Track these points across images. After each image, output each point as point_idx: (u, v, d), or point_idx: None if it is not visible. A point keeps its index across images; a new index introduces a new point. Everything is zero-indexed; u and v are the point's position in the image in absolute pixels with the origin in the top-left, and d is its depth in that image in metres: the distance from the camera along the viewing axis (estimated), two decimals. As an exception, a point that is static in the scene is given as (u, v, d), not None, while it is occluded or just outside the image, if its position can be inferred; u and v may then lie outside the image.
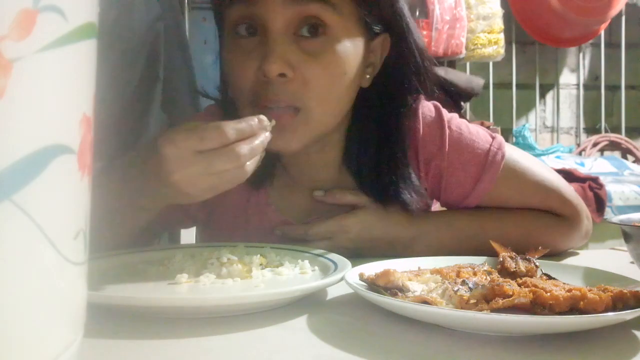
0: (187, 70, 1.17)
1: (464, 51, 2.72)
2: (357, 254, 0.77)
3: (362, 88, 0.80)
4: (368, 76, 0.79)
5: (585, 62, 3.30)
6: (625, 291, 0.48)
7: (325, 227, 0.79)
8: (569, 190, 0.86)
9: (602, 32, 3.17)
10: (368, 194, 0.81)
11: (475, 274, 0.58)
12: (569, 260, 0.82)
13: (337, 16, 0.71)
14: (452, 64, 2.94)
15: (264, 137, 0.64)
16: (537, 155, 2.63)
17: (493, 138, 0.83)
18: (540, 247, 0.70)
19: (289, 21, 0.70)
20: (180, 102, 1.14)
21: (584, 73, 3.30)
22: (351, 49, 0.74)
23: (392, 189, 0.79)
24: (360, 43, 0.75)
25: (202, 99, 0.96)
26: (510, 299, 0.47)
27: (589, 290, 0.48)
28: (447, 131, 0.82)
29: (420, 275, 0.57)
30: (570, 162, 2.56)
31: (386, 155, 0.80)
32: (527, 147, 2.87)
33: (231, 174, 0.62)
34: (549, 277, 0.60)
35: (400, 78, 0.80)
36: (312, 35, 0.72)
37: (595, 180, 2.17)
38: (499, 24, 2.79)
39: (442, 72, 0.90)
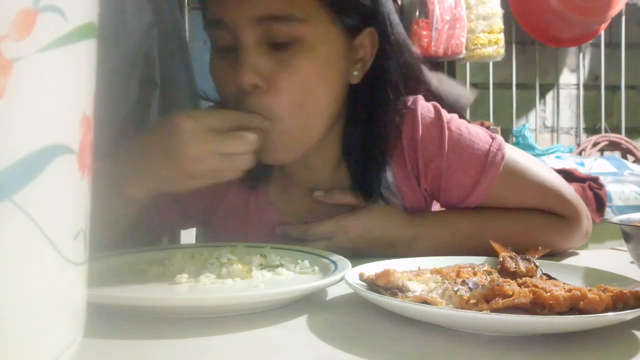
0: (186, 73, 1.17)
1: (464, 51, 2.72)
2: (357, 254, 0.77)
3: (355, 85, 0.79)
4: (356, 72, 0.79)
5: (585, 62, 3.31)
6: (625, 291, 0.48)
7: (325, 227, 0.79)
8: (568, 190, 0.86)
9: (602, 32, 3.17)
10: (360, 192, 0.81)
11: (475, 274, 0.58)
12: (569, 260, 0.82)
13: (306, 25, 0.71)
14: (452, 63, 2.94)
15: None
16: (537, 155, 2.63)
17: (493, 139, 0.83)
18: (540, 247, 0.70)
19: (258, 37, 0.71)
20: (179, 105, 1.14)
21: (584, 73, 3.30)
22: (326, 51, 0.73)
23: (375, 186, 0.80)
24: (338, 42, 0.75)
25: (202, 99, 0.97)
26: (510, 299, 0.47)
27: (589, 290, 0.48)
28: (447, 132, 0.82)
29: (420, 275, 0.57)
30: (570, 162, 2.56)
31: (375, 152, 0.81)
32: (527, 147, 2.87)
33: (238, 159, 0.67)
34: (549, 277, 0.60)
35: (384, 72, 0.80)
36: (283, 45, 0.71)
37: (595, 180, 2.17)
38: (499, 24, 2.79)
39: (435, 80, 0.90)
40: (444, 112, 0.85)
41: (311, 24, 0.71)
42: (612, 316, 0.45)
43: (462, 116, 0.87)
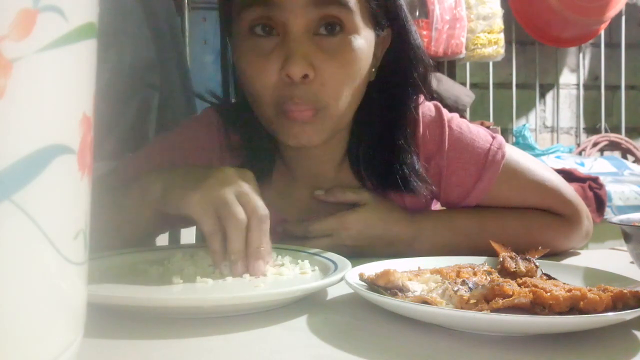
0: (182, 74, 1.17)
1: (464, 51, 2.72)
2: (358, 253, 0.77)
3: (371, 83, 0.81)
4: (374, 69, 0.80)
5: (585, 62, 3.31)
6: (625, 291, 0.48)
7: (326, 224, 0.80)
8: (569, 190, 0.86)
9: (602, 32, 3.17)
10: (371, 186, 0.82)
11: (475, 274, 0.58)
12: (569, 260, 0.82)
13: (353, 15, 0.73)
14: (452, 63, 2.94)
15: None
16: (537, 155, 2.64)
17: (493, 138, 0.84)
18: (540, 247, 0.70)
19: (309, 22, 0.71)
20: (174, 106, 1.13)
21: (584, 73, 3.30)
22: (365, 45, 0.75)
23: (399, 176, 0.80)
24: (372, 38, 0.77)
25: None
26: (510, 299, 0.47)
27: (589, 290, 0.48)
28: (447, 130, 0.83)
29: (420, 275, 0.57)
30: (570, 162, 2.56)
31: (390, 145, 0.81)
32: (527, 147, 2.88)
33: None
34: (549, 277, 0.60)
35: (403, 70, 0.82)
36: (329, 34, 0.72)
37: (595, 180, 2.17)
38: (499, 24, 2.80)
39: (434, 82, 0.91)
40: (444, 111, 0.85)
41: (357, 15, 0.73)
42: (612, 316, 0.45)
43: (462, 116, 0.88)
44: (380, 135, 0.82)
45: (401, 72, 0.82)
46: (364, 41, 0.75)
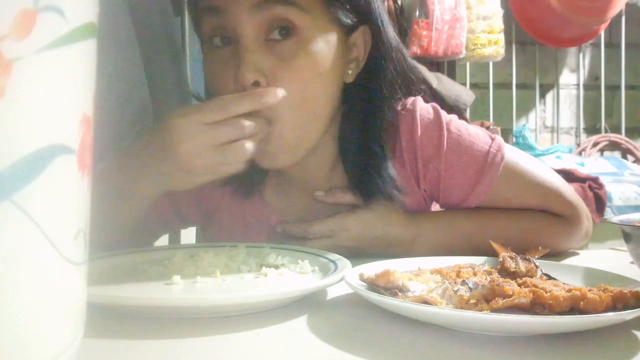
0: (177, 75, 1.16)
1: (464, 51, 2.72)
2: (357, 254, 0.77)
3: (352, 85, 0.79)
4: (350, 72, 0.79)
5: (585, 62, 3.30)
6: (625, 291, 0.48)
7: (326, 225, 0.79)
8: (569, 190, 0.86)
9: (602, 32, 3.17)
10: (358, 191, 0.81)
11: (475, 274, 0.58)
12: (569, 260, 0.82)
13: (305, 16, 0.71)
14: (452, 63, 2.93)
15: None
16: (537, 156, 2.63)
17: (492, 139, 0.83)
18: (540, 247, 0.71)
19: (258, 27, 0.71)
20: (170, 109, 1.13)
21: (584, 73, 3.30)
22: (325, 47, 0.73)
23: (375, 185, 0.79)
24: (334, 39, 0.75)
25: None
26: (510, 299, 0.47)
27: (589, 290, 0.48)
28: (446, 133, 0.82)
29: (420, 275, 0.57)
30: (570, 162, 2.55)
31: (370, 151, 0.80)
32: (527, 147, 2.87)
33: (234, 149, 0.66)
34: (549, 277, 0.60)
35: (378, 71, 0.80)
36: (283, 38, 0.71)
37: (595, 180, 2.17)
38: (499, 24, 2.79)
39: (434, 81, 0.90)
40: (443, 113, 0.85)
41: (310, 16, 0.72)
42: (612, 316, 0.45)
43: (462, 117, 0.87)
44: (362, 139, 0.81)
45: (374, 74, 0.80)
46: (324, 43, 0.73)
